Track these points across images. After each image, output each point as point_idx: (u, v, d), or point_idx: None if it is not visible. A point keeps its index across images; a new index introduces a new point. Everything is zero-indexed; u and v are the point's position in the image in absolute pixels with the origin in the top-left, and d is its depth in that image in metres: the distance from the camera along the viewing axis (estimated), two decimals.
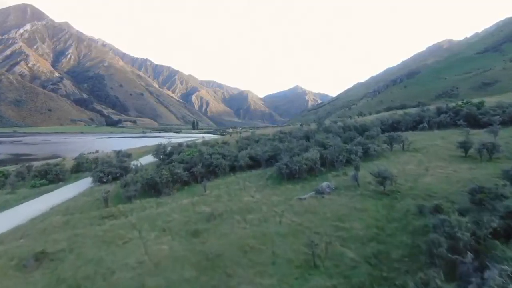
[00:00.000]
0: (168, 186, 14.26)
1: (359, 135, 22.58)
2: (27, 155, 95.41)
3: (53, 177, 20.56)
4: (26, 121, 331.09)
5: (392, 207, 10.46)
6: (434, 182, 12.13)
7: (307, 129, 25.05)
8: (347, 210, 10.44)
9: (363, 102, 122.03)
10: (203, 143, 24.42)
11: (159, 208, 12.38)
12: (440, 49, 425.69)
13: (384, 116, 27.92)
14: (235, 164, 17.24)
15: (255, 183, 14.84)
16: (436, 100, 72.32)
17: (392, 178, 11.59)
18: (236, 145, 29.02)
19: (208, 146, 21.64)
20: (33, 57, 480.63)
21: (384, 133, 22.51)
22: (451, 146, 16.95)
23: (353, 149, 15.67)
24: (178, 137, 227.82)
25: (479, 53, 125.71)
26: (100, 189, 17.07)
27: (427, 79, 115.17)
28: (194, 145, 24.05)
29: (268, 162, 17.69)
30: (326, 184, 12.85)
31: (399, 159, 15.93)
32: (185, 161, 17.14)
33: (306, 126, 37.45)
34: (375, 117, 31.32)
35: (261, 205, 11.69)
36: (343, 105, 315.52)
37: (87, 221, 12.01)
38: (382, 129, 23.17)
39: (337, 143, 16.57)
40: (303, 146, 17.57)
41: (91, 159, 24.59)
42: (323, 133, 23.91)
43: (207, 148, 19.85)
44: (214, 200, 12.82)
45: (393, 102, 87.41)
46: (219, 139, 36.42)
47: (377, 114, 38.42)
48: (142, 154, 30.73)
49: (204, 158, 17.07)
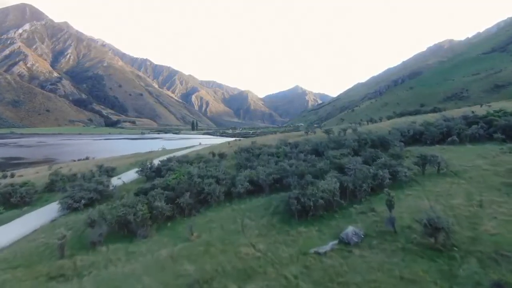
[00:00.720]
0: (145, 225, 11.04)
1: (376, 149, 19.47)
2: (18, 158, 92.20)
3: (17, 201, 17.35)
4: (23, 122, 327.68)
5: (453, 276, 7.18)
6: (501, 229, 8.86)
7: (316, 141, 21.82)
8: (389, 279, 7.18)
9: (367, 104, 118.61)
10: (197, 158, 21.20)
11: (127, 265, 9.14)
12: (441, 49, 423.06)
13: (402, 125, 24.69)
14: (232, 190, 14.03)
15: (257, 221, 11.61)
16: (445, 103, 69.11)
17: (449, 229, 8.35)
18: (234, 159, 25.82)
19: (201, 163, 18.42)
20: (32, 57, 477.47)
21: (406, 146, 19.37)
22: (499, 170, 13.74)
23: (379, 174, 12.47)
24: (176, 138, 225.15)
25: (486, 54, 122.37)
26: (67, 222, 13.87)
27: (433, 80, 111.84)
28: (186, 160, 20.86)
29: (273, 186, 14.48)
30: (352, 230, 9.59)
31: (437, 188, 12.67)
32: (171, 186, 13.91)
33: (312, 133, 34.25)
34: (390, 125, 28.11)
35: (266, 264, 8.46)
36: (344, 106, 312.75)
37: (28, 284, 8.78)
38: (403, 141, 19.99)
39: (358, 166, 13.35)
40: (315, 167, 14.34)
41: (67, 176, 21.39)
42: (335, 145, 20.70)
43: (199, 167, 16.62)
44: (202, 251, 9.59)
45: (399, 105, 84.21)
46: (216, 148, 33.21)
47: (389, 120, 35.20)
48: (129, 166, 27.49)
49: (194, 182, 13.86)
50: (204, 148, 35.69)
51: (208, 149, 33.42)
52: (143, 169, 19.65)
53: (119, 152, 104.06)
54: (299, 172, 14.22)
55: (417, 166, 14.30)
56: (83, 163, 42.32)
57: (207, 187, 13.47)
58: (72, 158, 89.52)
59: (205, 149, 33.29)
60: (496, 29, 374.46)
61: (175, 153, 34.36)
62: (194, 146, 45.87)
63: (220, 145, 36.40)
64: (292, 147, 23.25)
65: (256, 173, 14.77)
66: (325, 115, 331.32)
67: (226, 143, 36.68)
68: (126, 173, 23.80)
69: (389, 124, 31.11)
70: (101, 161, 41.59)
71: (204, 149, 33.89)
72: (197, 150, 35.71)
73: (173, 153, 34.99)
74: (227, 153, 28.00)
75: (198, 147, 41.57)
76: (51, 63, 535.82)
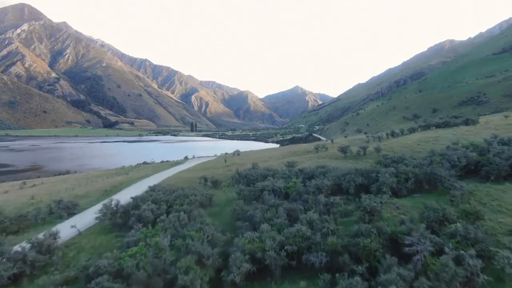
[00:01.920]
0: None
1: (420, 186, 14.35)
2: (5, 166, 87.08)
3: None
4: (19, 123, 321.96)
5: None
6: None
7: (338, 173, 16.54)
8: None
9: (372, 107, 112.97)
10: (182, 195, 15.93)
11: None
12: (443, 49, 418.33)
13: (438, 147, 19.47)
14: (223, 275, 8.90)
15: None
16: (461, 108, 63.95)
17: None
18: (230, 186, 20.65)
19: (182, 212, 13.16)
20: (30, 58, 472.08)
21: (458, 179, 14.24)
22: None
23: (466, 264, 7.37)
24: (174, 140, 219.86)
25: (496, 54, 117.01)
26: None
27: (440, 82, 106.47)
28: (166, 198, 15.62)
29: (286, 266, 9.35)
30: None
31: None
32: (125, 271, 8.75)
33: (324, 150, 29.01)
34: (418, 141, 22.88)
35: None
36: (345, 106, 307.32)
37: None
38: (455, 175, 14.82)
39: (427, 246, 8.19)
40: (354, 240, 9.17)
41: (12, 219, 16.19)
42: (364, 180, 15.53)
43: (174, 227, 11.40)
44: None
45: (408, 109, 78.95)
46: (210, 168, 28.00)
47: (414, 135, 29.95)
48: (101, 196, 22.27)
49: (163, 264, 8.73)
50: (197, 167, 30.52)
51: (201, 169, 28.23)
52: (105, 213, 14.52)
53: (109, 158, 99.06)
54: (329, 247, 9.06)
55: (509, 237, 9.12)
56: (60, 180, 37.14)
57: (182, 276, 8.31)
58: (59, 166, 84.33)
59: (198, 170, 28.10)
60: (498, 29, 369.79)
61: (162, 173, 29.23)
62: (188, 160, 40.64)
63: (216, 162, 31.20)
64: (304, 177, 18.05)
65: (261, 244, 9.61)
66: (325, 116, 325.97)
67: (223, 159, 31.47)
68: (92, 208, 18.60)
69: (416, 140, 25.93)
70: (79, 178, 36.45)
71: (197, 169, 28.72)
72: (189, 168, 30.56)
73: (160, 173, 29.86)
74: (222, 178, 22.88)
75: (192, 162, 36.42)
76: (49, 63, 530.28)
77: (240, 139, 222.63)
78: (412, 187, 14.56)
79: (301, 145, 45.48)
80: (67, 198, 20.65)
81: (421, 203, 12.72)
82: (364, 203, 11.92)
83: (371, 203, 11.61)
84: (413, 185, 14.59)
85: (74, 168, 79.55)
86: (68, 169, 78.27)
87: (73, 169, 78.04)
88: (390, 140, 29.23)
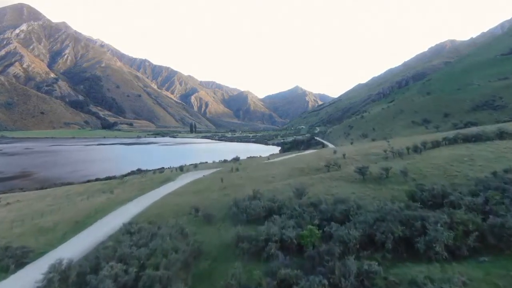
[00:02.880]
0: None
1: (484, 243, 10.43)
2: None
3: None
4: (17, 124, 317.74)
5: None
6: None
7: (367, 218, 12.52)
8: None
9: (378, 110, 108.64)
10: (153, 254, 11.92)
11: None
12: (444, 49, 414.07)
13: (494, 180, 15.47)
14: None
15: None
16: (475, 113, 59.88)
17: None
18: (225, 221, 16.68)
19: None
20: (28, 58, 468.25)
21: None
22: None
23: None
24: (172, 143, 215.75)
25: (505, 55, 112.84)
26: None
27: (445, 84, 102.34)
28: (143, 247, 11.69)
29: None
30: None
31: None
32: None
33: (336, 168, 25.01)
34: (452, 160, 18.89)
35: None
36: (346, 107, 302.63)
37: None
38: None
39: None
40: None
41: None
42: (404, 232, 11.52)
43: None
44: None
45: (417, 113, 74.84)
46: (204, 189, 24.01)
47: (443, 151, 25.89)
48: (69, 231, 18.25)
49: None
50: (189, 188, 26.53)
51: (194, 191, 24.24)
52: (51, 280, 10.55)
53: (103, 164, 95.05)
54: None
55: None
56: (38, 197, 33.09)
57: None
58: (49, 173, 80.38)
59: (189, 192, 24.10)
60: (500, 29, 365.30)
61: (148, 195, 25.26)
62: (181, 174, 36.57)
63: (211, 182, 27.16)
64: (321, 219, 14.01)
65: None
66: (326, 116, 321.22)
67: (219, 178, 27.44)
68: (49, 254, 14.57)
69: (447, 158, 21.85)
70: (58, 197, 32.44)
71: (188, 191, 24.73)
72: (180, 188, 26.58)
73: (146, 194, 25.90)
74: (217, 207, 18.94)
75: (186, 179, 32.46)
76: (48, 63, 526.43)
77: (239, 141, 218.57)
78: (473, 244, 10.59)
79: (306, 156, 41.36)
80: (24, 237, 16.70)
81: (497, 275, 8.83)
82: (417, 279, 7.92)
83: None
84: (475, 241, 10.62)
85: (65, 175, 75.71)
86: (59, 176, 74.52)
87: (63, 176, 74.24)
88: (413, 156, 25.18)
